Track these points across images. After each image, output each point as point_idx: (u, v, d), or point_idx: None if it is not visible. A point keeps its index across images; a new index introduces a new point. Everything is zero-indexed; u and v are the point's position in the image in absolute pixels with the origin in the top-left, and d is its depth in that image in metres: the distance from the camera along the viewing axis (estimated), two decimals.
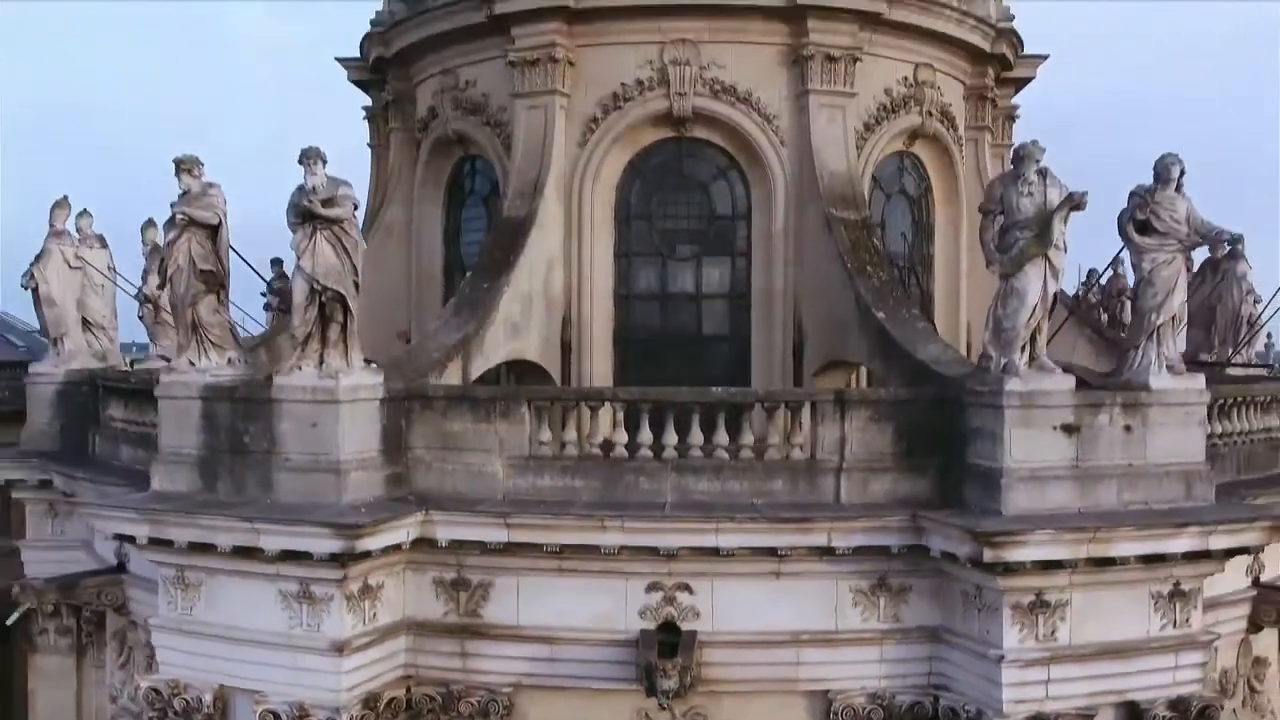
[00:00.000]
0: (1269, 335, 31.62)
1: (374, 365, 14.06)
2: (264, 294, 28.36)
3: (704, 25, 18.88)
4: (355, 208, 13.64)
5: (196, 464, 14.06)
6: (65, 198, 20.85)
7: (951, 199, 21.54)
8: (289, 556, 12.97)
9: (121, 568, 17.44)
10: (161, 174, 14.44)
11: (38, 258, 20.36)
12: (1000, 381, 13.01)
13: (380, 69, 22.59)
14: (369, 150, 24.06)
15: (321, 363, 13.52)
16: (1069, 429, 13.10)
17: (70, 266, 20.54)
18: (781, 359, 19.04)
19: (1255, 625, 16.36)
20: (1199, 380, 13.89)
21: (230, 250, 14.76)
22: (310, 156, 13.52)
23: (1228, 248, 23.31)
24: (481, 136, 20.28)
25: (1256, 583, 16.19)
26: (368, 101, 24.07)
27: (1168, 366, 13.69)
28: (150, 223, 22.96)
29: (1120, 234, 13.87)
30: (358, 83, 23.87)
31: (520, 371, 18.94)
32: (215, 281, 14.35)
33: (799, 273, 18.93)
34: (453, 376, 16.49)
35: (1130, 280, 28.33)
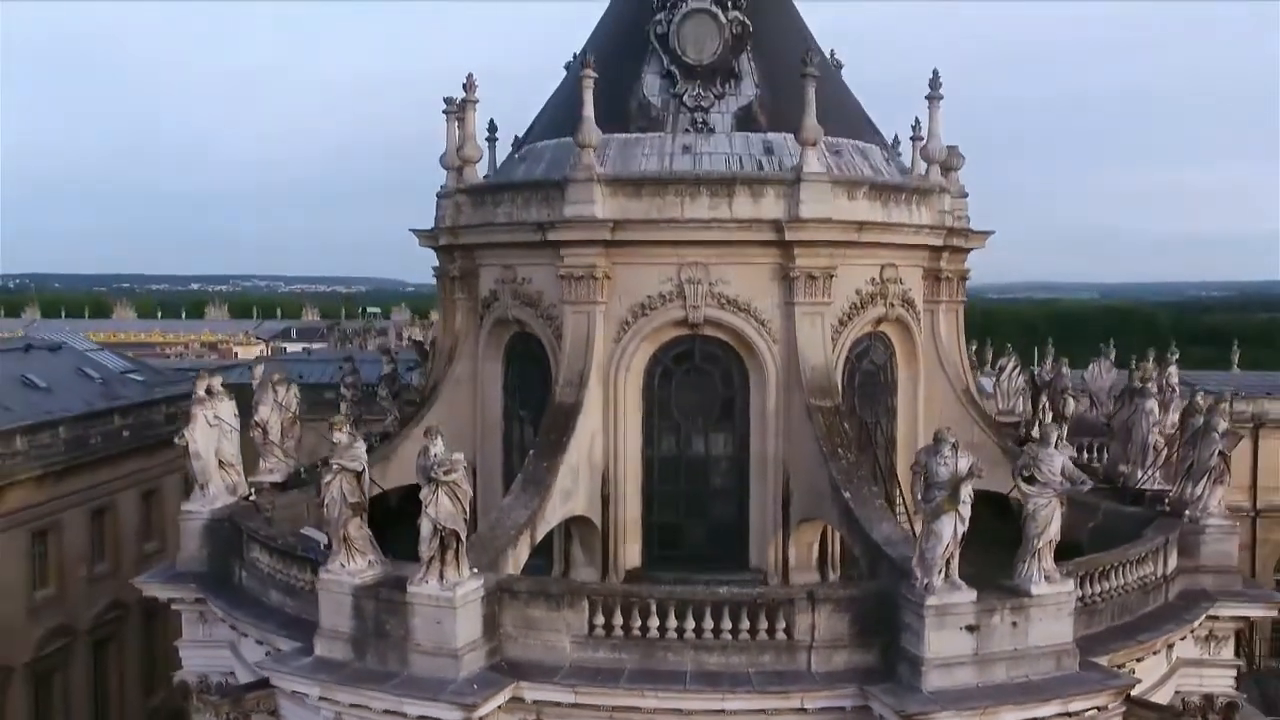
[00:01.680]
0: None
1: (476, 570, 19.50)
2: (342, 385, 33.91)
3: (713, 252, 24.09)
4: (466, 469, 18.97)
5: (349, 640, 19.63)
6: (205, 371, 26.19)
7: (911, 361, 26.82)
8: (424, 718, 18.57)
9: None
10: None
11: (186, 422, 25.74)
12: (923, 597, 18.47)
13: (449, 247, 27.74)
14: (438, 301, 29.29)
15: (442, 577, 18.96)
16: (971, 628, 18.61)
17: (209, 425, 25.93)
18: (773, 510, 24.49)
19: None
20: (1069, 584, 19.37)
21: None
22: (431, 433, 18.92)
23: (1139, 385, 28.73)
24: (536, 325, 25.56)
25: (1127, 699, 21.74)
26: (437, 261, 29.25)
27: (1045, 577, 19.12)
28: (259, 359, 28.45)
29: (1014, 479, 19.26)
30: (429, 247, 29.01)
31: (570, 520, 24.38)
32: (360, 508, 19.76)
33: (787, 444, 24.30)
34: (524, 544, 22.16)
35: (1068, 378, 34.18)
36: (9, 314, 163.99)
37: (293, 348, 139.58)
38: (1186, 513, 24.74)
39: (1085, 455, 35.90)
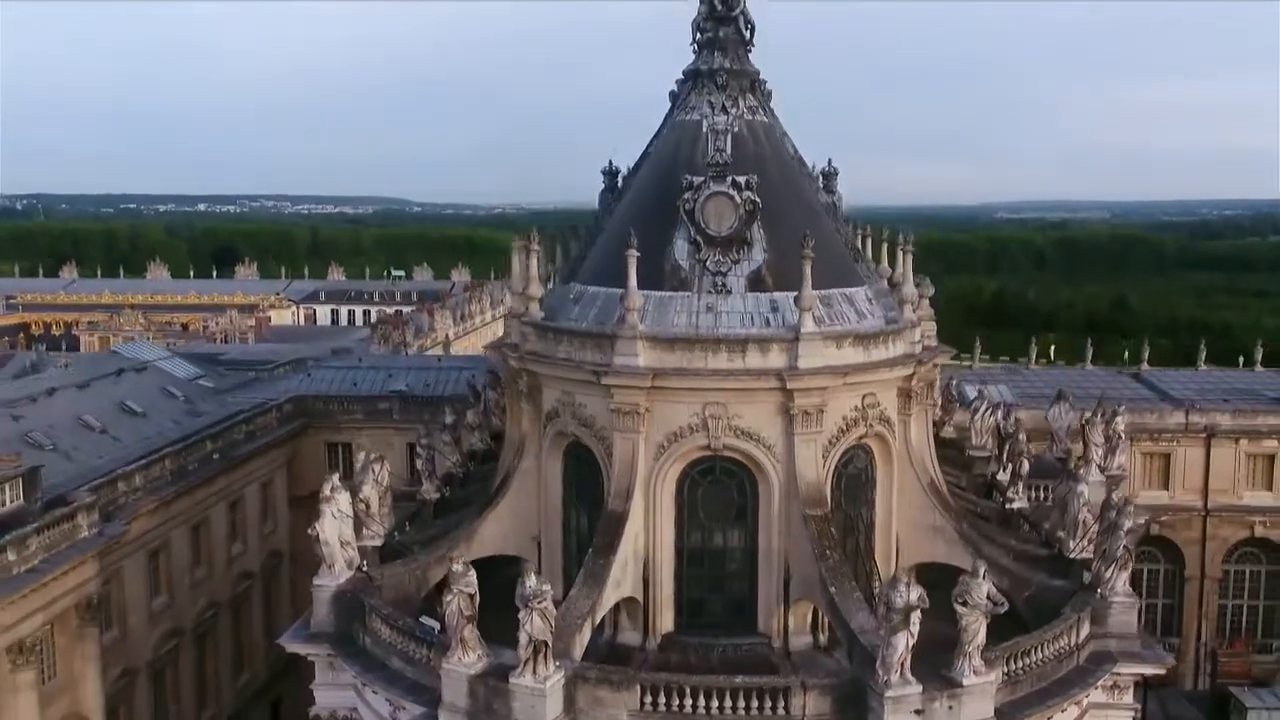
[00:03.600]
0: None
1: (558, 664, 26.58)
2: (420, 446, 40.96)
3: (730, 394, 30.91)
4: (554, 604, 25.95)
5: (465, 713, 26.87)
6: (330, 475, 33.21)
7: (887, 462, 33.71)
8: None
9: None
10: None
11: (318, 518, 32.72)
12: (884, 689, 25.60)
13: (518, 369, 34.54)
14: (507, 402, 36.16)
15: (535, 672, 26.09)
16: (919, 711, 25.76)
17: (334, 517, 32.94)
18: (777, 589, 31.65)
19: None
20: (991, 675, 26.51)
21: None
22: (526, 569, 25.95)
23: (1073, 469, 35.65)
24: (590, 442, 32.51)
25: None
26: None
27: (974, 671, 26.23)
28: (362, 446, 35.37)
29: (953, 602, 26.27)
30: (500, 358, 35.80)
31: (619, 600, 31.50)
32: (472, 618, 26.80)
33: (787, 540, 31.35)
34: (588, 628, 29.37)
35: (1025, 442, 40.78)
36: (48, 273, 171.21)
37: (322, 310, 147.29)
38: (1099, 590, 31.73)
39: (1041, 495, 42.93)
